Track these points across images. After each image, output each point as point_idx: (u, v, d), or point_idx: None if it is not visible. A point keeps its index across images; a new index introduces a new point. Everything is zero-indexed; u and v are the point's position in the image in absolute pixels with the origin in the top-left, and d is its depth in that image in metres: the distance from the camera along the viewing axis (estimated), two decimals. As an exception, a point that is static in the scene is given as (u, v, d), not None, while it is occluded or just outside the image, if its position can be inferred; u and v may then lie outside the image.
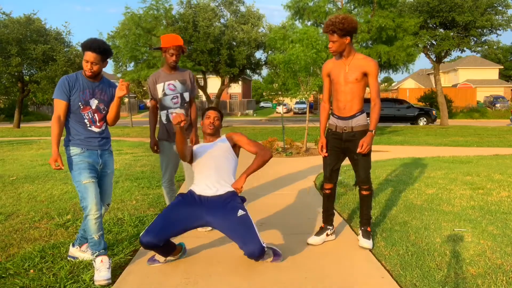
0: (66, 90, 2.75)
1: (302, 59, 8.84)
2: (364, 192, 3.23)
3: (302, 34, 9.18)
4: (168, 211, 2.75)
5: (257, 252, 2.54)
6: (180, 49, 3.57)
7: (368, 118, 3.14)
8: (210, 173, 2.92)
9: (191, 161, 3.12)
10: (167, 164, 3.71)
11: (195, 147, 3.13)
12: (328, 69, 3.23)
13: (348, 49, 3.06)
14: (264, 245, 2.55)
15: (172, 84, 3.65)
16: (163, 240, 2.65)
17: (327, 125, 3.33)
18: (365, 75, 3.07)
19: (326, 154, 3.28)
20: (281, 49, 10.14)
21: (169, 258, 2.89)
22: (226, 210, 2.71)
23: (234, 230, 2.59)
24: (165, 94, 3.64)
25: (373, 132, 3.07)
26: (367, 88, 3.19)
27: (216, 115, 3.15)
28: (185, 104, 3.71)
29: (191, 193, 2.89)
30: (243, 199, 2.85)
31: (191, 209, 2.76)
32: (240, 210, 2.70)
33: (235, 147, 3.11)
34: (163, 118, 3.69)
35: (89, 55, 2.71)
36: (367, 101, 3.68)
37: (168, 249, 2.78)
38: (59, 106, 2.75)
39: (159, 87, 3.64)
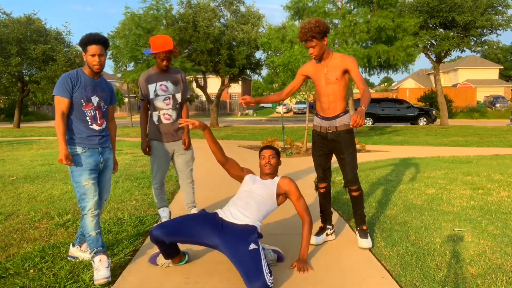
0: (69, 87, 2.71)
1: (301, 60, 8.85)
2: (354, 193, 3.21)
3: None
4: (188, 218, 2.72)
5: None
6: (171, 53, 3.46)
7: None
8: (241, 204, 2.84)
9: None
10: (158, 165, 3.67)
11: (247, 176, 3.06)
12: (305, 70, 3.25)
13: (327, 50, 3.10)
14: (270, 284, 2.44)
15: (164, 84, 3.58)
16: (171, 241, 2.63)
17: (312, 126, 3.35)
18: (345, 72, 3.08)
19: (245, 102, 3.17)
20: (277, 50, 10.12)
21: (164, 262, 2.87)
22: (239, 240, 2.64)
23: (242, 262, 2.51)
24: (156, 95, 3.57)
25: (363, 107, 2.88)
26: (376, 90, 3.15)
27: (271, 153, 3.04)
28: (177, 105, 3.66)
29: (215, 214, 2.84)
30: (259, 235, 2.74)
31: (208, 227, 2.70)
32: (252, 243, 2.61)
33: (281, 196, 2.99)
34: (155, 119, 3.63)
35: (94, 48, 2.68)
36: (374, 101, 3.63)
37: (171, 252, 2.76)
38: (62, 103, 2.70)
39: (151, 88, 3.57)
